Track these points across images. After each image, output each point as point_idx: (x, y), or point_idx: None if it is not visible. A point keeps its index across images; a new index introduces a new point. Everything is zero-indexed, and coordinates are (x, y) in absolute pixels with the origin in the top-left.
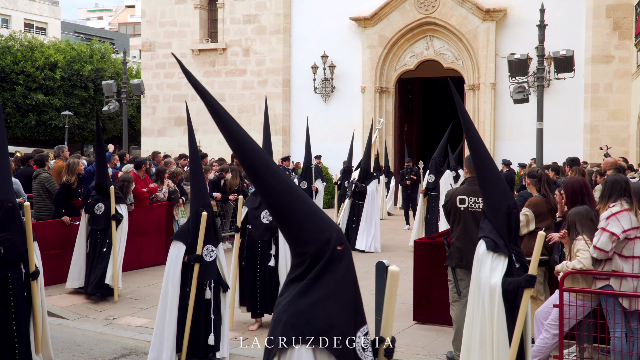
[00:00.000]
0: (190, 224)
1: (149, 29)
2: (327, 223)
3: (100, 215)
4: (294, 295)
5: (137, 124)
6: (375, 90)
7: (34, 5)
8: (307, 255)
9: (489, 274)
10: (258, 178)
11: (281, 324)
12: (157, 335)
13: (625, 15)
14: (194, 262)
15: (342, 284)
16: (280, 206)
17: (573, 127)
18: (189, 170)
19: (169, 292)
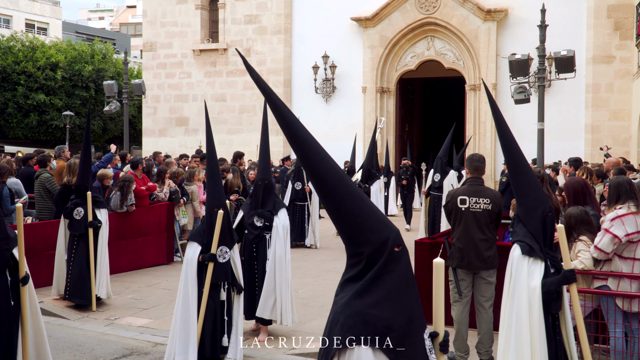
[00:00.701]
0: (205, 224)
1: (150, 29)
2: (385, 223)
3: (79, 220)
4: (350, 296)
5: (138, 124)
6: (376, 90)
7: (35, 5)
8: (364, 255)
9: (527, 278)
10: (318, 177)
11: (339, 325)
12: (181, 337)
13: (626, 16)
14: (207, 261)
15: (400, 285)
16: (338, 205)
17: (574, 128)
18: (206, 170)
19: (189, 294)
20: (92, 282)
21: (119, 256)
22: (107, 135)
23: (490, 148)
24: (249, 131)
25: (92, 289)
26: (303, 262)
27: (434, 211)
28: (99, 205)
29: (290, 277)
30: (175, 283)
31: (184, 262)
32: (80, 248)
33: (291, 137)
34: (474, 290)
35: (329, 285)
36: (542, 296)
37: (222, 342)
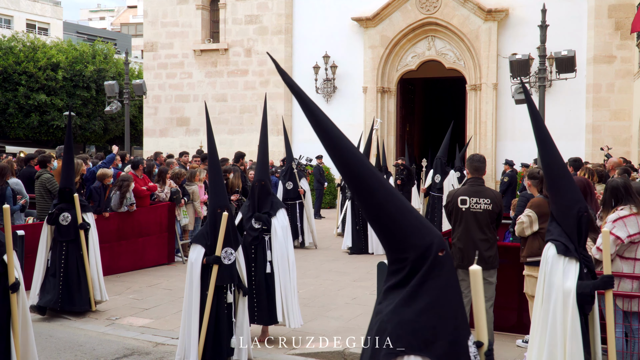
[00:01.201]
0: (209, 226)
1: (151, 30)
2: (428, 228)
3: (68, 226)
4: (397, 304)
5: (139, 124)
6: (377, 90)
7: (36, 5)
8: (408, 261)
9: (562, 279)
10: (356, 181)
11: (387, 334)
12: (182, 340)
13: (627, 16)
14: (212, 263)
15: (445, 292)
16: (379, 210)
17: (575, 128)
18: (208, 171)
19: (192, 297)
20: (89, 285)
21: (120, 256)
22: (108, 135)
23: (491, 148)
24: (249, 131)
25: (90, 291)
26: (303, 262)
27: (432, 211)
28: (85, 209)
29: (294, 279)
30: (176, 283)
31: (188, 265)
32: (71, 255)
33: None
34: None
35: (329, 286)
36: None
37: (231, 344)
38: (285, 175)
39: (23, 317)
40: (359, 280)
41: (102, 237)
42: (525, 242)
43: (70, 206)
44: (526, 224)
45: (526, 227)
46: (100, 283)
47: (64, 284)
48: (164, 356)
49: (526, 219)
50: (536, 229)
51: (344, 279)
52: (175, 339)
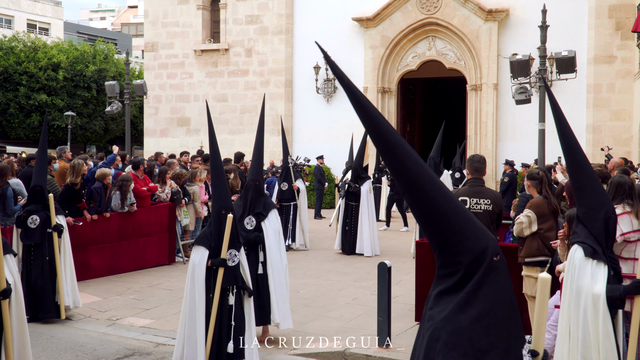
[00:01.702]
0: (213, 227)
1: (151, 30)
2: (482, 230)
3: (35, 229)
4: (451, 310)
5: (139, 124)
6: (377, 90)
7: (36, 5)
8: (461, 265)
9: (590, 282)
10: (409, 182)
11: (441, 342)
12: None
13: (627, 16)
14: (217, 266)
15: (500, 297)
16: (432, 212)
17: (575, 128)
18: (211, 172)
19: (196, 300)
20: (60, 290)
21: (121, 256)
22: (109, 135)
23: (492, 148)
24: (250, 131)
25: (60, 298)
26: (304, 262)
27: None
28: (57, 211)
29: (285, 280)
30: (177, 283)
31: (190, 267)
32: (37, 259)
33: (380, 140)
34: None
35: (330, 286)
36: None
37: (227, 348)
38: (281, 176)
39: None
40: (359, 281)
41: (103, 238)
42: (523, 242)
43: (39, 208)
44: (525, 224)
45: (525, 227)
46: (73, 289)
47: (26, 290)
48: (165, 356)
49: (525, 219)
50: (535, 230)
51: (345, 279)
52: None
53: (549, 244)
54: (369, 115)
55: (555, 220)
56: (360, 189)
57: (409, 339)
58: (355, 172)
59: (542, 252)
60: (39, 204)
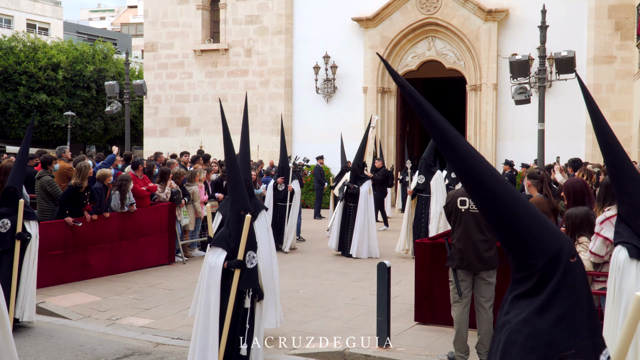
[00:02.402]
0: (231, 228)
1: (151, 30)
2: (556, 232)
3: (5, 234)
4: (528, 314)
5: (139, 124)
6: (377, 90)
7: (36, 5)
8: (536, 268)
9: (635, 284)
10: (477, 183)
11: (517, 345)
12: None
13: (627, 16)
14: (234, 268)
15: (579, 302)
16: (503, 215)
17: (575, 128)
18: (227, 173)
19: (211, 302)
20: (11, 302)
21: (121, 256)
22: (108, 135)
23: (491, 148)
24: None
25: (11, 311)
26: (304, 262)
27: (420, 213)
28: (29, 216)
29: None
30: (177, 283)
31: (205, 269)
32: (4, 266)
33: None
34: (474, 291)
35: (330, 286)
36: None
37: (241, 351)
38: (277, 176)
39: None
40: (359, 281)
41: (103, 237)
42: None
43: (12, 211)
44: None
45: None
46: (30, 303)
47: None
48: (165, 356)
49: None
50: None
51: (344, 279)
52: (176, 339)
53: None
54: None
55: (555, 219)
56: (360, 189)
57: (409, 339)
58: (354, 172)
59: None
60: (10, 206)
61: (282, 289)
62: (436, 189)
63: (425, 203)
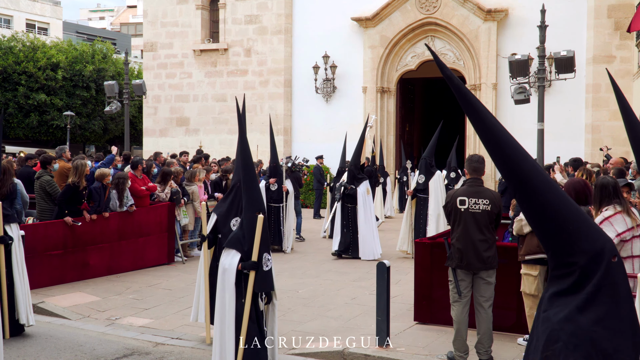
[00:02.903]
0: (245, 230)
1: (150, 30)
2: (598, 231)
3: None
4: (570, 312)
5: (138, 124)
6: (376, 90)
7: (35, 5)
8: (576, 266)
9: None
10: (520, 180)
11: (560, 343)
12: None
13: (626, 15)
14: (248, 269)
15: (621, 299)
16: (546, 212)
17: (574, 128)
18: (242, 174)
19: (226, 305)
20: (4, 308)
21: (120, 256)
22: (108, 135)
23: None
24: (249, 131)
25: (4, 315)
26: (303, 262)
27: (419, 213)
28: (9, 219)
29: None
30: (176, 283)
31: (220, 271)
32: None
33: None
34: (474, 291)
35: (329, 285)
36: None
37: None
38: (269, 176)
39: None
40: (358, 280)
41: (103, 237)
42: (523, 240)
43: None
44: (524, 221)
45: (524, 224)
46: (26, 305)
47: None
48: (164, 356)
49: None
50: None
51: (344, 278)
52: (175, 339)
53: None
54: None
55: None
56: (357, 190)
57: (408, 339)
58: (351, 172)
59: (542, 250)
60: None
61: (282, 289)
62: (435, 189)
63: (424, 204)
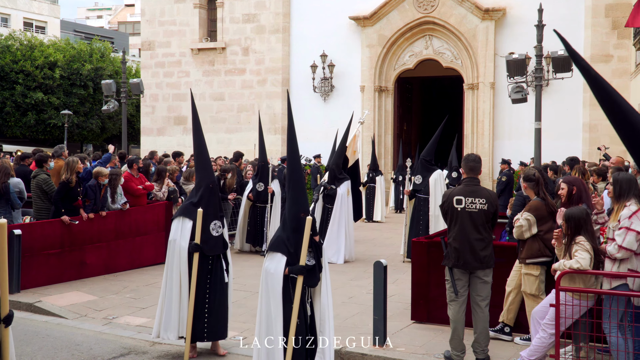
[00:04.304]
0: (289, 231)
1: (148, 28)
2: None
3: None
4: None
5: (136, 123)
6: (374, 89)
7: (33, 4)
8: None
9: None
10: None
11: None
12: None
13: (624, 15)
14: (296, 274)
15: None
16: None
17: (572, 126)
18: (287, 174)
19: (272, 312)
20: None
21: (117, 255)
22: (105, 134)
23: (488, 147)
24: (247, 130)
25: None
26: None
27: (418, 214)
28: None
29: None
30: None
31: (263, 276)
32: None
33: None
34: (470, 290)
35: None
36: None
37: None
38: (257, 176)
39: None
40: (355, 280)
41: (100, 236)
42: (524, 244)
43: None
44: (525, 227)
45: (525, 230)
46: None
47: None
48: (161, 355)
49: (525, 223)
50: (535, 232)
51: (341, 277)
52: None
53: (549, 245)
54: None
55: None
56: (337, 190)
57: (405, 338)
58: (332, 172)
59: (543, 253)
60: None
61: None
62: (435, 188)
63: (422, 204)
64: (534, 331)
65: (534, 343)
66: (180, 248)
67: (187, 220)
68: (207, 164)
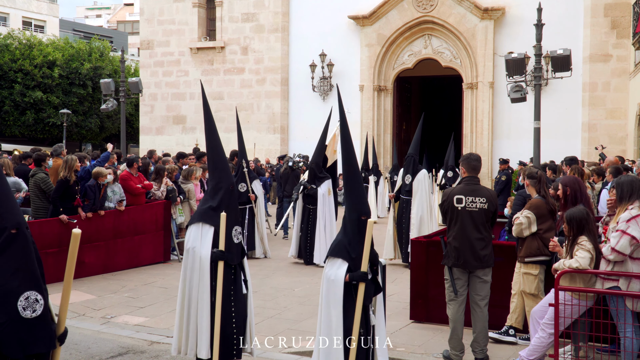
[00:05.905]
0: (350, 236)
1: (147, 27)
2: None
3: None
4: None
5: (135, 122)
6: (373, 88)
7: (32, 3)
8: None
9: None
10: None
11: None
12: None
13: (623, 14)
14: (358, 281)
15: None
16: None
17: (571, 126)
18: (344, 174)
19: (332, 321)
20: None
21: (116, 254)
22: (104, 133)
23: (488, 146)
24: (246, 129)
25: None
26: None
27: (401, 217)
28: None
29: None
30: (172, 281)
31: (324, 283)
32: None
33: None
34: (470, 289)
35: None
36: None
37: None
38: (236, 177)
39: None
40: None
41: (98, 235)
42: (523, 242)
43: None
44: (525, 225)
45: (525, 228)
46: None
47: None
48: (159, 354)
49: (525, 220)
50: (535, 230)
51: None
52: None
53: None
54: None
55: (553, 220)
56: (317, 190)
57: (404, 337)
58: (311, 171)
59: (542, 252)
60: None
61: (278, 287)
62: (419, 190)
63: (406, 207)
64: (533, 331)
65: (533, 343)
66: (202, 257)
67: (208, 226)
68: (225, 164)
